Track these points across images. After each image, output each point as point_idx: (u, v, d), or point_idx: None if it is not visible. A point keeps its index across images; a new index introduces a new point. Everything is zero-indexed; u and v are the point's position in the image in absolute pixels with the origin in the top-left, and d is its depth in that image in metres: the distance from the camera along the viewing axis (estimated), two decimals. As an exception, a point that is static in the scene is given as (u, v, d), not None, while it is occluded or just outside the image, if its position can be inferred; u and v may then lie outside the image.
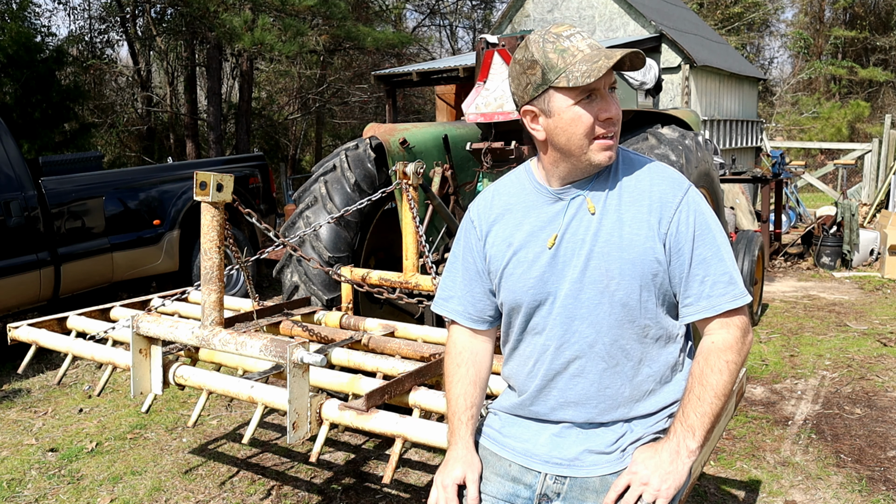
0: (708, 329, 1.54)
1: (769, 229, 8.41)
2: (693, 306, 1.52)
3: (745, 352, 1.53)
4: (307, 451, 3.75)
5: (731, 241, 6.53)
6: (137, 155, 14.82)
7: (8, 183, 5.19)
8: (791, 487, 3.35)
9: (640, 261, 1.50)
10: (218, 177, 2.40)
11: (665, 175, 1.56)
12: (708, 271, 1.50)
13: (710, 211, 1.56)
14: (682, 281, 1.52)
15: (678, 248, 1.51)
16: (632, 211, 1.52)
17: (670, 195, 1.52)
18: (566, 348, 1.55)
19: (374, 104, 18.34)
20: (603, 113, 1.47)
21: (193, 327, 2.38)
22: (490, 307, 1.69)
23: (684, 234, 1.50)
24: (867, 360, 5.14)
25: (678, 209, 1.51)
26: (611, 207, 1.53)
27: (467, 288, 1.69)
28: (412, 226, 3.27)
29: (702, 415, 1.48)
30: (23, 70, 9.57)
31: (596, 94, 1.47)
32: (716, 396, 1.48)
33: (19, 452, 3.87)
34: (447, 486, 1.60)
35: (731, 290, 1.50)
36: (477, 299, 1.69)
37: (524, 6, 12.21)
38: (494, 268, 1.63)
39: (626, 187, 1.54)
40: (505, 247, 1.61)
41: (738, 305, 1.51)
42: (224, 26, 10.25)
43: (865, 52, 25.37)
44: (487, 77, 4.33)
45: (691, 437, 1.48)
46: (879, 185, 11.33)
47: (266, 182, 7.41)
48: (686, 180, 1.57)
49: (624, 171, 1.56)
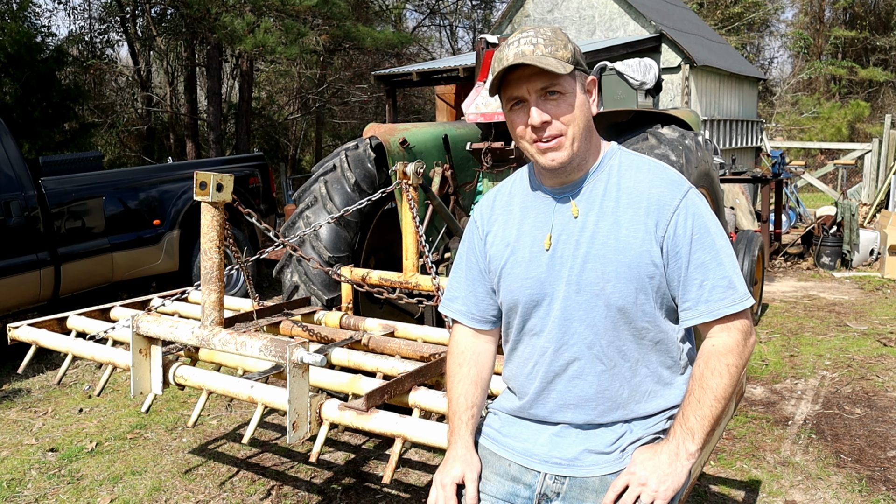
0: (710, 332, 1.53)
1: (769, 229, 8.41)
2: (691, 311, 1.52)
3: (746, 355, 1.53)
4: (307, 451, 3.75)
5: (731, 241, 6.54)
6: (137, 155, 14.82)
7: (8, 183, 5.19)
8: (791, 487, 3.35)
9: (636, 263, 1.49)
10: (218, 177, 2.40)
11: (664, 176, 1.55)
12: (707, 275, 1.49)
13: (711, 213, 1.55)
14: (680, 285, 1.51)
15: (675, 252, 1.50)
16: (629, 213, 1.51)
17: (668, 197, 1.51)
18: (564, 350, 1.56)
19: (374, 104, 18.34)
20: (529, 120, 1.49)
21: (193, 327, 2.38)
22: (493, 307, 1.70)
23: (682, 237, 1.50)
24: (867, 360, 5.14)
25: (676, 212, 1.50)
26: (608, 209, 1.53)
27: (470, 288, 1.71)
28: (412, 226, 3.27)
29: (701, 418, 1.48)
30: (23, 70, 9.57)
31: (523, 101, 1.50)
32: (716, 400, 1.48)
33: (19, 452, 3.87)
34: (446, 485, 1.61)
35: (730, 294, 1.50)
36: (480, 299, 1.70)
37: (524, 6, 12.21)
38: (494, 267, 1.65)
39: (624, 189, 1.54)
40: (503, 246, 1.63)
41: (736, 310, 1.50)
42: (225, 28, 10.25)
43: (865, 52, 25.37)
44: (487, 77, 4.33)
45: (690, 439, 1.48)
46: (879, 185, 11.33)
47: (266, 182, 7.40)
48: (686, 182, 1.56)
49: (623, 173, 1.56)
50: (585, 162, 1.56)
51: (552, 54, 1.46)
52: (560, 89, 1.48)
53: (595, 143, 1.59)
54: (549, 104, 1.48)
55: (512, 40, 1.50)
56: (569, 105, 1.49)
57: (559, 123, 1.49)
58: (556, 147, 1.50)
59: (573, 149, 1.51)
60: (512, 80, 1.49)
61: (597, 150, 1.59)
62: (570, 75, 1.49)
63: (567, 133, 1.50)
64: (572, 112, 1.50)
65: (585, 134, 1.53)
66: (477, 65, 4.52)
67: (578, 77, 1.52)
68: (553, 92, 1.48)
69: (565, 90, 1.48)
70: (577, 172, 1.56)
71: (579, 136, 1.51)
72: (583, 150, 1.54)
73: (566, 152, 1.51)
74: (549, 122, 1.49)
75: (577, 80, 1.51)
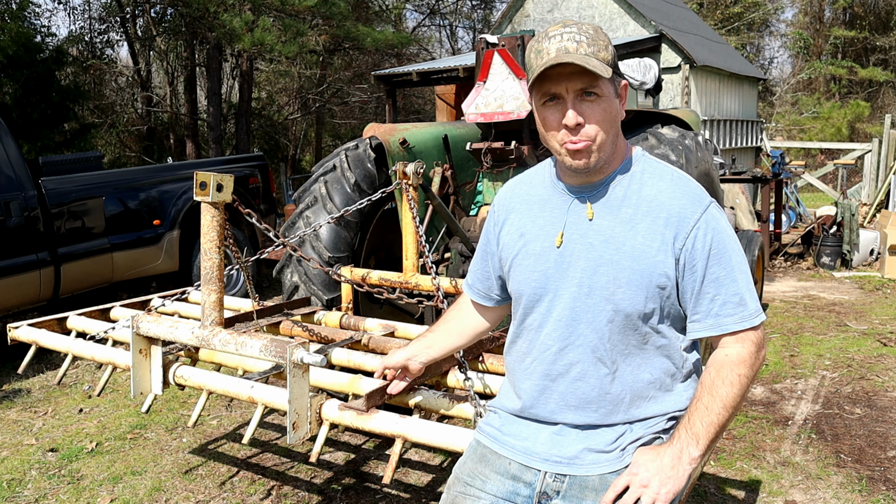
0: (722, 342, 1.53)
1: (769, 229, 8.41)
2: (700, 323, 1.53)
3: (757, 367, 1.53)
4: (307, 451, 3.75)
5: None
6: (137, 155, 14.82)
7: (8, 183, 5.19)
8: (791, 487, 3.35)
9: (649, 272, 1.50)
10: (218, 177, 2.40)
11: (686, 189, 1.55)
12: (719, 290, 1.50)
13: (730, 229, 1.55)
14: (693, 297, 1.52)
15: (692, 265, 1.50)
16: (647, 221, 1.51)
17: (689, 211, 1.51)
18: (569, 351, 1.56)
19: (374, 104, 18.33)
20: (563, 119, 1.47)
21: (193, 327, 2.38)
22: (495, 287, 1.80)
23: (700, 251, 1.49)
24: (867, 360, 5.14)
25: (696, 225, 1.50)
26: (625, 215, 1.53)
27: (481, 266, 1.82)
28: (412, 226, 3.27)
29: (708, 424, 1.48)
30: (23, 70, 9.57)
31: (559, 98, 1.47)
32: (724, 408, 1.48)
33: (19, 452, 3.87)
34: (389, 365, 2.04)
35: (740, 311, 1.50)
36: (486, 276, 1.81)
37: (524, 6, 12.21)
38: (506, 255, 1.67)
39: (644, 197, 1.53)
40: (517, 236, 1.65)
41: (744, 327, 1.50)
42: (224, 27, 10.26)
43: (865, 52, 25.36)
44: (487, 77, 4.33)
45: (695, 445, 1.48)
46: (879, 185, 11.33)
47: (266, 182, 7.40)
48: (707, 196, 1.55)
49: (645, 181, 1.55)
50: (608, 165, 1.55)
51: (595, 55, 1.44)
52: (598, 91, 1.46)
53: (620, 147, 1.58)
54: (584, 105, 1.46)
55: (553, 33, 1.47)
56: (603, 109, 1.48)
57: (592, 126, 1.47)
58: (584, 150, 1.49)
59: (600, 154, 1.50)
60: (551, 75, 1.46)
61: (621, 153, 1.58)
62: (609, 79, 1.47)
63: (597, 137, 1.48)
64: (606, 116, 1.48)
65: (613, 138, 1.52)
66: (477, 65, 4.52)
67: (615, 81, 1.51)
68: (591, 93, 1.46)
69: (603, 93, 1.47)
70: (599, 174, 1.56)
71: (608, 141, 1.50)
72: (608, 154, 1.53)
73: (594, 157, 1.50)
74: (583, 124, 1.47)
75: (613, 84, 1.50)
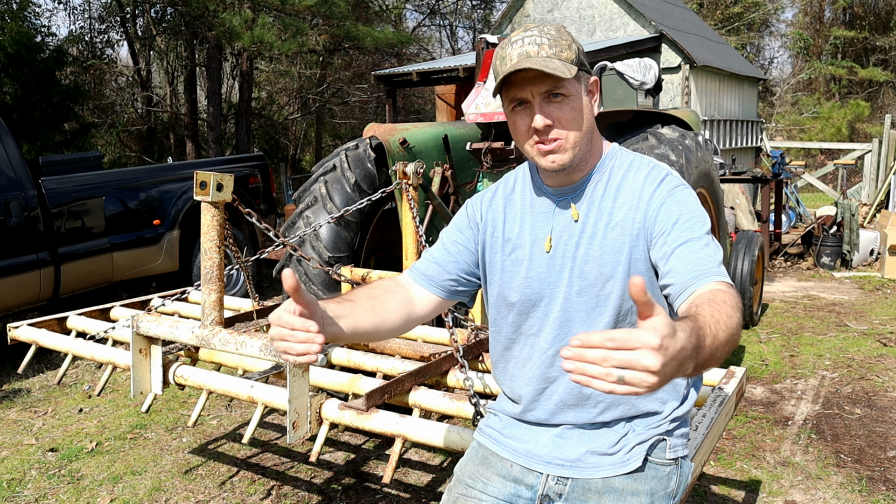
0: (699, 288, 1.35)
1: (769, 229, 8.41)
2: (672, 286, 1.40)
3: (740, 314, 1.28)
4: (307, 451, 3.75)
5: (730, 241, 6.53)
6: (137, 155, 14.82)
7: (8, 183, 5.19)
8: (791, 487, 3.35)
9: (630, 262, 1.49)
10: (218, 177, 2.41)
11: (647, 170, 1.54)
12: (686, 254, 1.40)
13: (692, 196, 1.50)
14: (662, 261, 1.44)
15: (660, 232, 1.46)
16: (621, 212, 1.51)
17: (649, 189, 1.51)
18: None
19: (374, 104, 18.35)
20: (532, 123, 1.46)
21: (193, 327, 2.38)
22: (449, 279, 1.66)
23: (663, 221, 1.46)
24: (867, 360, 5.14)
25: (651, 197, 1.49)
26: (605, 210, 1.53)
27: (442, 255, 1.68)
28: (412, 226, 3.27)
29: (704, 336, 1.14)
30: (23, 70, 9.57)
31: (526, 102, 1.47)
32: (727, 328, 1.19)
33: (19, 452, 3.87)
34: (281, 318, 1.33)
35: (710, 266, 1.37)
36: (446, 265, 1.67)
37: (524, 6, 12.21)
38: (489, 258, 1.65)
39: (622, 190, 1.54)
40: (503, 240, 1.63)
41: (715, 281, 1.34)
42: (223, 25, 10.26)
43: (865, 52, 25.37)
44: (487, 77, 4.33)
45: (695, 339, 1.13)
46: (879, 185, 11.33)
47: (266, 182, 7.40)
48: (665, 168, 1.55)
49: (616, 173, 1.56)
50: (586, 163, 1.55)
51: (557, 56, 1.44)
52: (564, 92, 1.46)
53: (596, 144, 1.58)
54: (552, 107, 1.47)
55: (515, 38, 1.48)
56: (572, 108, 1.48)
57: (562, 127, 1.48)
58: (557, 149, 1.49)
59: (574, 151, 1.50)
60: (515, 81, 1.47)
61: (598, 150, 1.58)
62: (575, 77, 1.47)
63: (569, 136, 1.48)
64: (575, 115, 1.48)
65: (587, 136, 1.52)
66: (477, 65, 4.52)
67: (582, 78, 1.51)
68: (557, 94, 1.46)
69: (569, 93, 1.47)
70: (577, 173, 1.56)
71: (581, 139, 1.50)
72: (584, 152, 1.53)
73: (567, 155, 1.50)
74: (552, 125, 1.47)
75: (581, 82, 1.50)
